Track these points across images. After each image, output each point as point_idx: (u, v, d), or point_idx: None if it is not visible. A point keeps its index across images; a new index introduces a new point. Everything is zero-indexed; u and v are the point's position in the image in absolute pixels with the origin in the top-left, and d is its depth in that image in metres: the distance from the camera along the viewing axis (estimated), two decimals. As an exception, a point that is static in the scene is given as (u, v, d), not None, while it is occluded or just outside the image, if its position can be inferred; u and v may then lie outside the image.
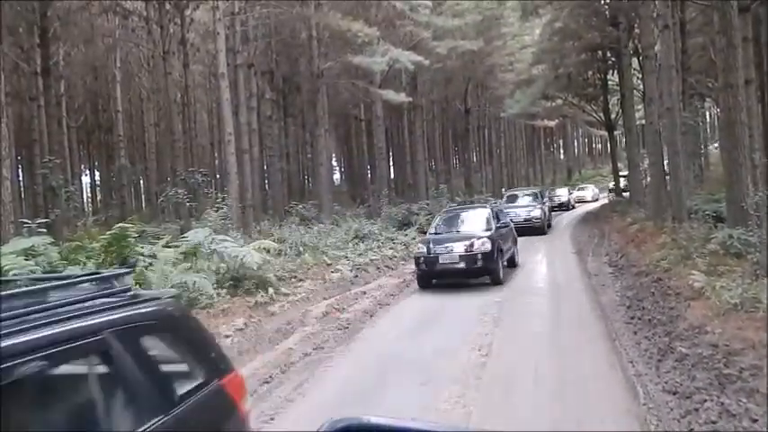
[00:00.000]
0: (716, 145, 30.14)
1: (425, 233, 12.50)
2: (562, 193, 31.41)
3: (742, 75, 8.71)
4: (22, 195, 26.05)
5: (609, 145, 35.87)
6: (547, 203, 20.70)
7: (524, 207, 18.77)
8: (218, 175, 29.57)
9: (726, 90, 8.67)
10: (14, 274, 6.39)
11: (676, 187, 12.09)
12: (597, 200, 34.87)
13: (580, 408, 4.43)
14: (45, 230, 8.90)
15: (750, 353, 4.59)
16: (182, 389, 2.13)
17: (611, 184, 41.05)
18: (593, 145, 71.15)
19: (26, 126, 19.74)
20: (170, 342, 2.34)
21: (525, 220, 17.80)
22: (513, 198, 20.96)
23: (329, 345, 6.81)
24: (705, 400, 4.11)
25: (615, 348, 5.81)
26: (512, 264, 11.57)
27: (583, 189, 37.89)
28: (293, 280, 10.69)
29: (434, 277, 10.18)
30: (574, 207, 30.72)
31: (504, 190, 30.68)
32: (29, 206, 20.55)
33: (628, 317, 6.97)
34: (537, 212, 18.45)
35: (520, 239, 13.93)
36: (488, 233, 10.22)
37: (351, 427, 1.01)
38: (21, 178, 26.59)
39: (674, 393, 4.39)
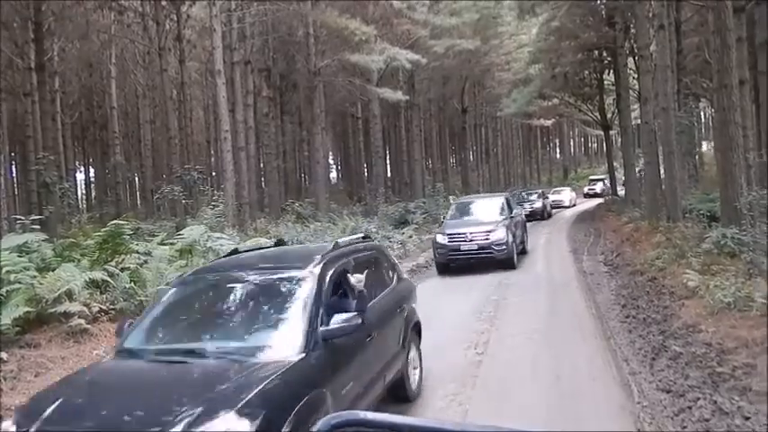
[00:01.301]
0: (705, 144, 30.24)
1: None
2: (534, 198, 24.72)
3: (736, 75, 8.75)
4: (16, 192, 25.91)
5: (605, 144, 35.84)
6: (520, 216, 13.58)
7: (481, 226, 11.48)
8: (214, 173, 29.48)
9: (720, 90, 8.71)
10: (7, 271, 6.37)
11: (671, 186, 12.14)
12: (574, 204, 31.49)
13: (575, 405, 4.44)
14: (39, 227, 8.86)
15: (743, 351, 4.63)
16: None
17: (587, 188, 37.68)
18: (590, 144, 71.37)
19: (20, 122, 19.60)
20: None
21: (481, 248, 11.08)
22: (464, 210, 13.20)
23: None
24: (698, 399, 4.13)
25: (610, 347, 5.83)
26: (401, 395, 4.63)
27: (559, 192, 32.75)
28: (289, 278, 10.65)
29: None
30: (550, 215, 25.13)
31: (452, 199, 20.03)
32: (22, 203, 20.44)
33: (623, 315, 7.00)
34: (499, 234, 11.20)
35: (466, 280, 9.80)
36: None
37: (347, 422, 1.02)
38: (14, 174, 26.44)
39: (668, 391, 4.41)
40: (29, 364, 5.43)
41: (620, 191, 27.44)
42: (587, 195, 36.42)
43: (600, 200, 30.85)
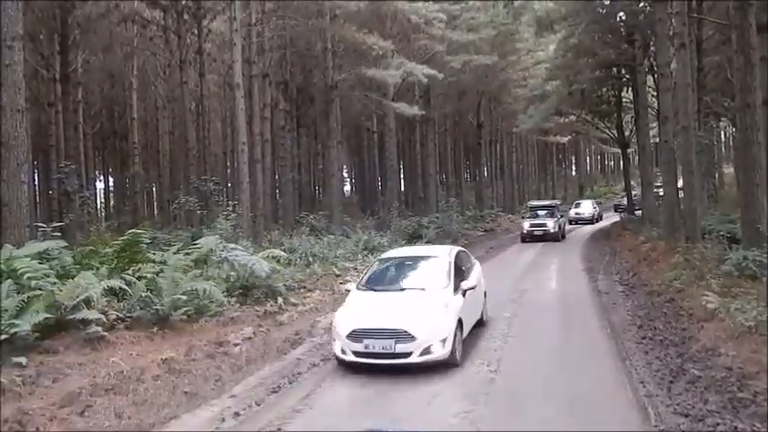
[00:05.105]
0: (726, 165, 29.67)
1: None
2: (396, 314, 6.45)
3: (760, 95, 8.65)
4: (38, 199, 26.43)
5: (622, 162, 35.38)
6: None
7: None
8: (229, 184, 29.80)
9: (743, 110, 8.62)
10: (29, 278, 6.49)
11: (690, 206, 11.96)
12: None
13: (590, 427, 4.36)
14: (59, 234, 9.03)
15: (765, 377, 4.52)
16: None
17: (527, 224, 21.41)
18: (606, 162, 70.79)
19: (44, 131, 20.05)
20: None
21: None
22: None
23: (337, 356, 6.79)
24: (718, 424, 4.05)
25: (626, 368, 5.73)
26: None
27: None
28: (302, 290, 10.71)
29: None
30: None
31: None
32: (44, 210, 20.81)
33: (639, 336, 6.87)
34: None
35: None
36: None
37: None
38: (36, 182, 26.99)
39: (686, 416, 4.32)
40: (47, 370, 5.50)
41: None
42: (529, 237, 20.84)
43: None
